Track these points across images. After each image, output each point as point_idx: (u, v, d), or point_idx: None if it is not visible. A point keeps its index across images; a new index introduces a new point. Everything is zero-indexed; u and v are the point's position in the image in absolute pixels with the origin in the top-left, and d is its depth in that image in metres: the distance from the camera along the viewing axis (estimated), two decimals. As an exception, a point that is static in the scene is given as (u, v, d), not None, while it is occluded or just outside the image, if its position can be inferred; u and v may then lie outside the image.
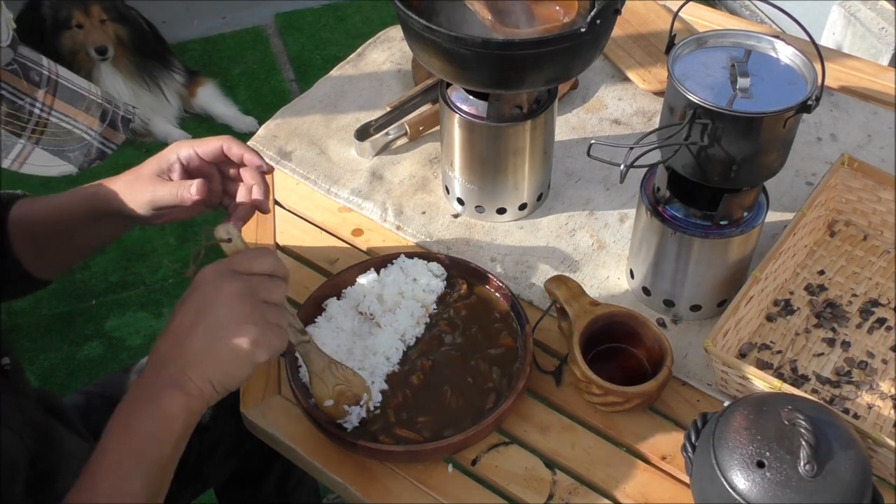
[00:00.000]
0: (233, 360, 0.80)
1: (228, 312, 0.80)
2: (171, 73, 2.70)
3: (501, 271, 1.16)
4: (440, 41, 0.99)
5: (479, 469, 0.97)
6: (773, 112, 0.89)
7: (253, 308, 0.81)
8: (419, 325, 1.06)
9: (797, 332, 1.08)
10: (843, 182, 1.16)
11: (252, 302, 0.81)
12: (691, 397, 1.03)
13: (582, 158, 1.32)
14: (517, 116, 1.12)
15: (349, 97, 1.45)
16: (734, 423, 0.84)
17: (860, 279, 1.13)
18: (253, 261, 0.83)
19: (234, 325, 0.79)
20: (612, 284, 1.15)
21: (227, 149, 1.00)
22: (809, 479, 0.79)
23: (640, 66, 1.45)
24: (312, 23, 3.17)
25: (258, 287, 0.82)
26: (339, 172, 1.31)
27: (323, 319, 1.06)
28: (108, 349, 2.18)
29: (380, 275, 1.10)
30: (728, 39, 0.98)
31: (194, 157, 1.00)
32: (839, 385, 1.02)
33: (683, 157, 0.95)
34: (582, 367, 0.97)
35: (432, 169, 1.31)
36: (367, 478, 0.96)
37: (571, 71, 1.06)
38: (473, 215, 1.24)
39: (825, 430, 0.82)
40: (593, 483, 0.95)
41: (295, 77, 2.95)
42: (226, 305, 0.80)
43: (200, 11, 3.16)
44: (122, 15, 2.59)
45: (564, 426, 1.00)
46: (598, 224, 1.23)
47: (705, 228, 1.01)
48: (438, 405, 0.99)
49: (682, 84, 0.91)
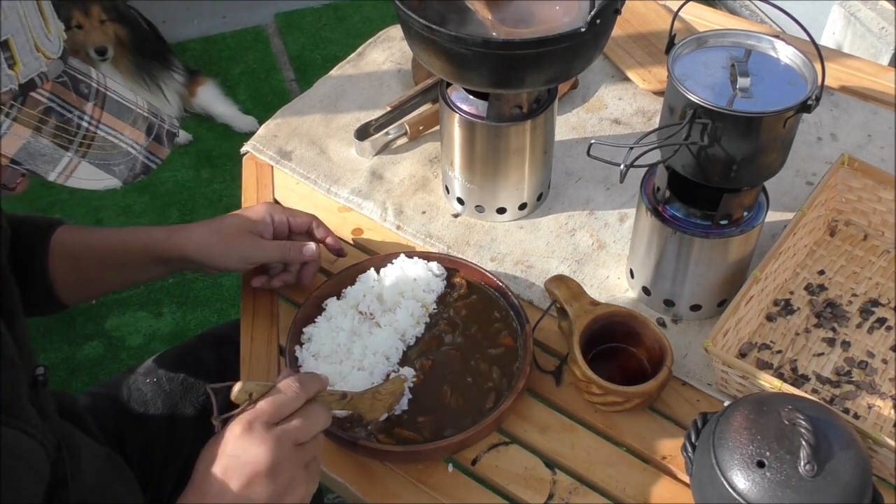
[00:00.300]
0: None
1: (273, 486, 0.78)
2: (171, 73, 2.70)
3: (501, 271, 1.16)
4: (440, 41, 0.99)
5: (479, 469, 0.97)
6: (773, 112, 0.89)
7: (294, 470, 0.79)
8: (419, 325, 1.06)
9: (797, 331, 1.08)
10: (844, 182, 1.16)
11: (292, 463, 0.79)
12: (691, 397, 1.03)
13: (582, 158, 1.32)
14: (517, 116, 1.12)
15: (349, 97, 1.45)
16: (734, 422, 0.84)
17: (860, 279, 1.13)
18: (284, 407, 0.80)
19: (279, 497, 0.78)
20: (612, 284, 1.15)
21: (314, 226, 1.11)
22: (809, 478, 0.79)
23: (640, 65, 1.45)
24: (312, 22, 3.17)
25: (295, 438, 0.80)
26: (339, 172, 1.31)
27: (323, 319, 1.06)
28: (108, 349, 2.18)
29: (380, 274, 1.10)
30: (728, 39, 0.98)
31: (285, 223, 1.09)
32: (839, 385, 1.02)
33: (683, 156, 0.95)
34: (582, 367, 0.97)
35: (432, 168, 1.31)
36: (367, 477, 0.96)
37: (571, 70, 1.06)
38: (473, 215, 1.24)
39: (825, 430, 0.82)
40: (593, 483, 0.95)
41: (295, 77, 2.95)
42: (267, 480, 0.77)
43: (200, 11, 3.16)
44: (121, 15, 2.59)
45: (564, 426, 1.00)
46: (598, 224, 1.23)
47: (705, 228, 1.01)
48: (438, 405, 0.99)
49: (682, 84, 0.91)
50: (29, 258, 1.06)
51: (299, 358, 1.03)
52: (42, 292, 1.07)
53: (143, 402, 1.17)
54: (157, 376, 1.20)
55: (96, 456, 0.95)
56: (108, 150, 0.72)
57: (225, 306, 2.27)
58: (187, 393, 1.19)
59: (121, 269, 1.10)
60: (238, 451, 0.78)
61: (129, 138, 0.73)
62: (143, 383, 1.19)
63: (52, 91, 0.69)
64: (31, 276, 1.04)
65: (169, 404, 1.18)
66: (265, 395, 0.80)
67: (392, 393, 0.95)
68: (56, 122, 0.69)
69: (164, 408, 1.17)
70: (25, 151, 0.67)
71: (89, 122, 0.71)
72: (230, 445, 0.78)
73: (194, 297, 2.28)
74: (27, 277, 1.03)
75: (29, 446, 0.82)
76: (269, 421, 0.79)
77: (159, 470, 1.16)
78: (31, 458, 0.81)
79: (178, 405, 1.18)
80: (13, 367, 0.84)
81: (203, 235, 1.06)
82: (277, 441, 0.78)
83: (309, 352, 1.03)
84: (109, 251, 1.09)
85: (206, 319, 2.24)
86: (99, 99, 0.73)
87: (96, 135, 0.71)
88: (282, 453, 0.78)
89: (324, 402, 0.84)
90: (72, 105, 0.70)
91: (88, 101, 0.72)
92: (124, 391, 1.18)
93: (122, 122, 0.73)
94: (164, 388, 1.18)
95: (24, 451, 0.81)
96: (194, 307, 2.26)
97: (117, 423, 1.14)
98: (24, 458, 0.80)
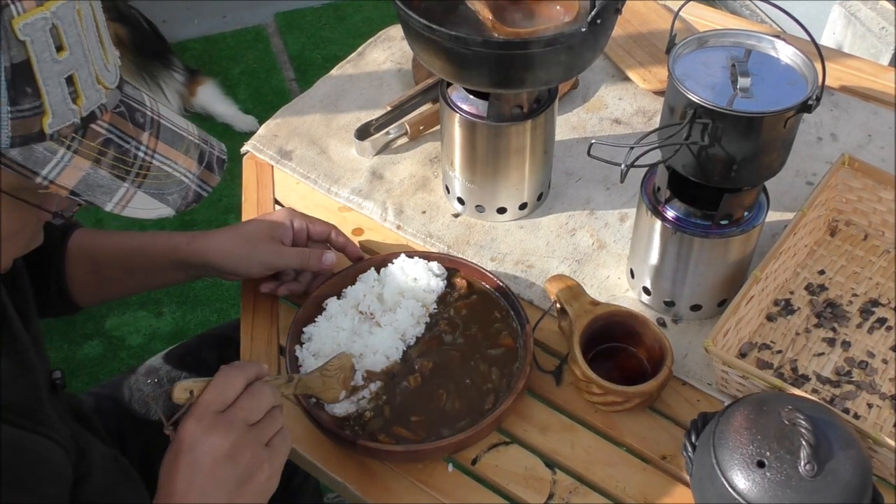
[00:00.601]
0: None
1: (236, 468, 0.79)
2: (171, 73, 2.70)
3: (502, 271, 1.16)
4: (441, 40, 0.99)
5: (479, 468, 0.97)
6: (774, 112, 0.89)
7: (253, 449, 0.80)
8: (419, 325, 1.06)
9: (797, 331, 1.08)
10: (844, 182, 1.16)
11: (250, 443, 0.80)
12: (691, 397, 1.03)
13: (582, 158, 1.32)
14: (517, 116, 1.12)
15: (349, 96, 1.45)
16: (734, 422, 0.84)
17: (860, 279, 1.13)
18: (226, 390, 0.81)
19: (246, 480, 0.79)
20: (612, 284, 1.15)
21: (334, 236, 1.12)
22: (809, 478, 0.79)
23: (641, 65, 1.45)
24: (313, 22, 3.17)
25: (245, 418, 0.80)
26: (339, 172, 1.31)
27: (323, 319, 1.06)
28: (108, 348, 2.18)
29: (380, 274, 1.10)
30: (728, 39, 0.98)
31: (304, 230, 1.10)
32: (839, 385, 1.02)
33: (684, 156, 0.95)
34: (582, 367, 0.97)
35: (432, 168, 1.31)
36: (366, 477, 0.96)
37: (572, 70, 1.06)
38: (474, 215, 1.24)
39: (825, 430, 0.82)
40: (593, 483, 0.95)
41: (295, 76, 2.95)
42: (227, 464, 0.78)
43: (201, 10, 3.16)
44: (122, 14, 2.58)
45: (564, 426, 1.00)
46: (598, 224, 1.23)
47: (706, 228, 1.01)
48: (437, 405, 0.99)
49: (682, 84, 0.91)
50: (45, 260, 1.06)
51: (299, 357, 1.03)
52: (56, 294, 1.07)
53: (144, 402, 1.17)
54: (159, 377, 1.20)
55: (104, 457, 0.95)
56: (163, 180, 0.72)
57: (225, 306, 2.27)
58: None
59: (140, 272, 1.10)
60: (193, 445, 0.78)
61: (183, 167, 0.73)
62: (144, 384, 1.19)
63: (111, 122, 0.69)
64: (45, 277, 1.04)
65: (169, 405, 1.18)
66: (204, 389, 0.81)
67: (341, 368, 0.96)
68: (114, 154, 0.69)
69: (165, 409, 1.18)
70: (85, 183, 0.67)
71: (145, 153, 0.71)
72: (185, 442, 0.79)
73: (194, 296, 2.28)
74: (42, 279, 1.03)
75: (53, 452, 0.82)
76: (215, 409, 0.80)
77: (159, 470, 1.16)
78: (55, 464, 0.81)
79: (178, 406, 1.18)
80: (34, 372, 0.84)
81: (226, 241, 1.06)
82: (228, 425, 0.79)
83: (309, 351, 1.03)
84: (129, 255, 1.09)
85: (206, 319, 2.24)
86: (154, 128, 0.72)
87: (152, 164, 0.71)
88: (236, 436, 0.79)
89: (269, 384, 0.85)
90: (129, 135, 0.70)
91: (144, 130, 0.71)
92: (125, 391, 1.18)
93: (175, 151, 0.73)
94: (165, 389, 1.18)
95: (48, 457, 0.81)
96: (194, 307, 2.26)
97: (119, 424, 1.14)
98: (48, 463, 0.80)
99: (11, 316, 0.85)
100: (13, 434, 0.77)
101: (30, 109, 0.62)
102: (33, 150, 0.64)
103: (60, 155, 0.65)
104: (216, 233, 1.08)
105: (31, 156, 0.64)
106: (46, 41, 0.62)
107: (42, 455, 0.80)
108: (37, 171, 0.65)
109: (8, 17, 0.59)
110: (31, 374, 0.83)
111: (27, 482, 0.77)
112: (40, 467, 0.78)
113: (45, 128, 0.64)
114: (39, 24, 0.61)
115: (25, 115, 0.62)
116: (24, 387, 0.82)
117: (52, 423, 0.82)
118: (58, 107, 0.64)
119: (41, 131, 0.64)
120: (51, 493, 0.79)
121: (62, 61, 0.63)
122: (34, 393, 0.83)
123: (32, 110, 0.62)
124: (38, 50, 0.61)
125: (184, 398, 0.81)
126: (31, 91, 0.62)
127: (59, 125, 0.64)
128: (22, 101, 0.61)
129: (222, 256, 1.05)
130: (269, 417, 0.83)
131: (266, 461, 0.81)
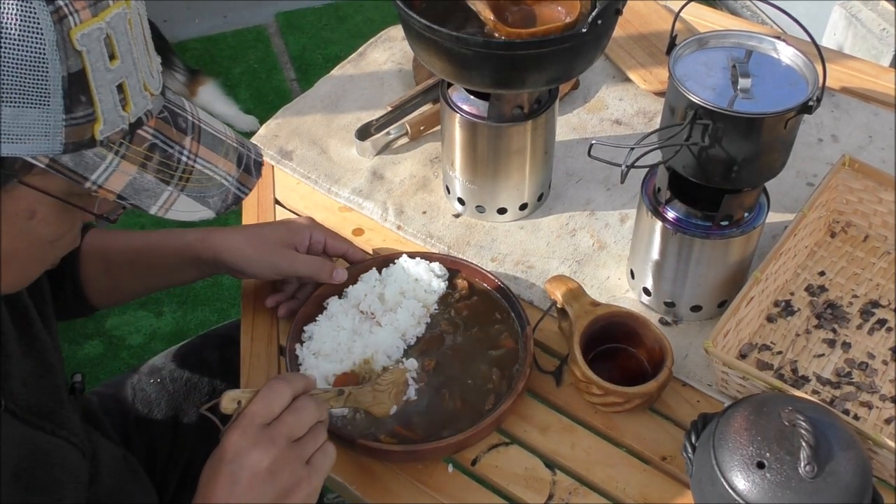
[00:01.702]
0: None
1: (275, 485, 0.79)
2: (171, 73, 2.70)
3: (502, 271, 1.16)
4: (441, 41, 0.99)
5: (479, 469, 0.97)
6: (774, 113, 0.89)
7: (293, 467, 0.80)
8: (420, 325, 1.06)
9: (798, 332, 1.08)
10: (844, 183, 1.16)
11: (290, 461, 0.80)
12: (691, 398, 1.03)
13: (583, 158, 1.32)
14: (518, 116, 1.12)
15: (350, 97, 1.45)
16: (734, 423, 0.84)
17: (861, 280, 1.13)
18: (273, 403, 0.81)
19: (284, 496, 0.79)
20: (612, 285, 1.15)
21: (352, 254, 1.12)
22: (809, 480, 0.79)
23: (642, 66, 1.45)
24: (314, 22, 3.17)
25: (289, 433, 0.81)
26: (339, 172, 1.31)
27: (324, 318, 1.06)
28: (109, 348, 2.18)
29: (382, 274, 1.10)
30: (729, 40, 0.98)
31: (322, 244, 1.10)
32: (839, 386, 1.02)
33: (684, 157, 0.95)
34: (582, 368, 0.97)
35: (433, 169, 1.31)
36: (366, 477, 0.96)
37: (572, 71, 1.06)
38: (474, 215, 1.24)
39: (825, 431, 0.82)
40: (593, 483, 0.95)
41: (296, 76, 2.96)
42: (267, 481, 0.78)
43: (201, 10, 3.16)
44: (122, 14, 2.58)
45: (564, 426, 1.00)
46: (598, 224, 1.23)
47: (706, 229, 1.01)
48: (437, 406, 0.99)
49: (683, 84, 0.91)
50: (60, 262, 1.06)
51: (300, 356, 1.03)
52: (72, 295, 1.07)
53: (147, 402, 1.17)
54: (161, 376, 1.20)
55: (113, 457, 0.95)
56: (205, 183, 0.73)
57: (225, 306, 2.27)
58: (191, 393, 1.19)
59: (154, 270, 1.10)
60: (235, 457, 0.78)
61: (223, 170, 0.74)
62: (146, 383, 1.19)
63: (156, 127, 0.70)
64: (61, 278, 1.05)
65: (172, 405, 1.18)
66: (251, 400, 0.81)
67: (394, 383, 0.96)
68: (159, 158, 0.70)
69: (168, 408, 1.18)
70: (131, 187, 0.68)
71: (188, 157, 0.72)
72: (228, 453, 0.78)
73: (195, 296, 2.28)
74: (57, 280, 1.04)
75: (71, 454, 0.82)
76: (261, 422, 0.79)
77: (162, 470, 1.16)
78: (73, 466, 0.82)
79: (181, 405, 1.18)
80: (54, 372, 0.84)
81: (239, 240, 1.06)
82: (271, 440, 0.79)
83: (309, 350, 1.03)
84: (142, 252, 1.09)
85: (206, 319, 2.24)
86: (195, 132, 0.74)
87: (194, 168, 0.72)
88: (278, 452, 0.79)
89: (316, 397, 0.85)
90: (173, 140, 0.71)
91: (187, 135, 0.73)
92: (128, 391, 1.18)
93: (216, 155, 0.74)
94: (167, 389, 1.19)
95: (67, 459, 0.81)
96: (195, 307, 2.26)
97: (122, 424, 1.15)
98: (67, 466, 0.81)
99: (33, 318, 0.86)
100: (34, 436, 0.78)
101: (83, 117, 0.63)
102: (83, 156, 0.65)
103: (109, 160, 0.67)
104: (231, 230, 1.08)
105: (81, 161, 0.65)
106: (101, 51, 0.63)
107: (62, 458, 0.80)
108: (86, 176, 0.66)
109: (66, 27, 0.60)
110: (51, 376, 0.83)
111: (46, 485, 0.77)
112: (59, 470, 0.79)
113: (97, 134, 0.65)
114: (95, 34, 0.62)
115: (79, 122, 0.63)
116: (45, 388, 0.82)
117: (72, 425, 0.83)
118: (109, 114, 0.65)
119: (92, 138, 0.65)
120: (68, 494, 0.79)
121: (114, 70, 0.64)
122: (55, 394, 0.83)
123: (86, 118, 0.64)
124: (93, 59, 0.62)
125: (232, 408, 0.81)
126: (85, 99, 0.63)
127: (109, 132, 0.66)
128: (76, 109, 0.63)
129: (234, 254, 1.05)
130: (313, 433, 0.83)
131: (305, 479, 0.80)
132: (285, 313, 1.10)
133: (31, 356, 0.82)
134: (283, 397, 0.81)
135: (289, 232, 1.08)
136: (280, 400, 0.81)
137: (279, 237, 1.07)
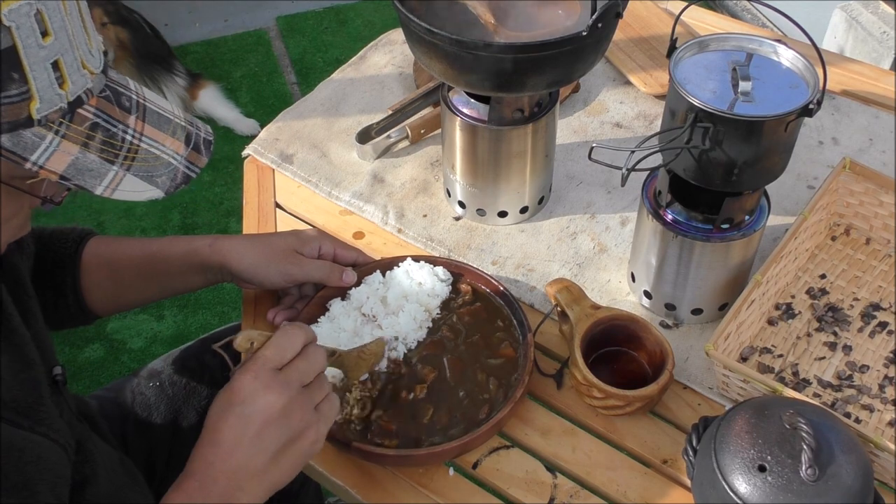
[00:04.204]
0: (295, 466, 0.82)
1: (286, 429, 0.80)
2: (172, 76, 2.70)
3: (503, 274, 1.16)
4: (442, 44, 0.99)
5: (480, 472, 0.97)
6: (775, 116, 0.89)
7: (304, 411, 0.81)
8: (421, 329, 1.05)
9: (798, 335, 1.08)
10: (845, 186, 1.16)
11: (301, 404, 0.81)
12: (692, 401, 1.02)
13: (583, 162, 1.32)
14: (518, 120, 1.12)
15: (351, 100, 1.45)
16: (735, 426, 0.84)
17: (862, 283, 1.13)
18: (286, 349, 0.82)
19: (294, 440, 0.80)
20: (613, 288, 1.15)
21: (361, 262, 1.12)
22: (811, 483, 0.79)
23: (642, 69, 1.45)
24: (314, 25, 3.17)
25: (300, 379, 0.82)
26: (340, 175, 1.32)
27: (325, 319, 1.06)
28: (109, 352, 2.18)
29: (385, 277, 1.10)
30: (730, 43, 0.98)
31: (331, 254, 1.10)
32: (840, 389, 1.02)
33: (685, 160, 0.95)
34: (583, 371, 0.97)
35: (433, 172, 1.31)
36: (367, 481, 0.96)
37: (573, 74, 1.06)
38: (475, 218, 1.24)
39: (826, 434, 0.81)
40: (594, 486, 0.95)
41: (297, 80, 2.96)
42: (279, 424, 0.79)
43: (202, 14, 3.16)
44: (123, 18, 2.59)
45: (565, 429, 1.00)
46: (599, 227, 1.23)
47: (707, 232, 1.01)
48: (435, 411, 0.99)
49: (683, 87, 0.91)
50: (60, 271, 1.06)
51: None
52: (74, 304, 1.07)
53: (146, 406, 1.17)
54: (161, 380, 1.19)
55: (110, 460, 0.95)
56: (152, 162, 0.73)
57: (226, 309, 2.27)
58: (190, 397, 1.19)
59: (160, 277, 1.10)
60: (248, 399, 0.79)
61: (170, 149, 0.74)
62: (146, 387, 1.19)
63: (98, 106, 0.70)
64: (62, 288, 1.04)
65: (172, 409, 1.18)
66: (265, 343, 0.82)
67: (374, 354, 0.97)
68: (102, 137, 0.70)
69: (168, 412, 1.17)
70: (74, 167, 0.68)
71: (133, 136, 0.72)
72: (240, 395, 0.79)
73: (195, 300, 2.28)
74: (59, 290, 1.03)
75: (51, 451, 0.82)
76: (273, 367, 0.80)
77: (161, 474, 1.16)
78: (52, 463, 0.81)
79: (181, 410, 1.18)
80: (33, 367, 0.84)
81: (248, 248, 1.06)
82: (285, 385, 0.80)
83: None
84: (148, 258, 1.09)
85: (207, 322, 2.24)
86: (140, 111, 0.74)
87: (140, 147, 0.72)
88: (291, 396, 0.80)
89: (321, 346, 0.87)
90: (116, 119, 0.71)
91: (131, 114, 0.72)
92: (128, 395, 1.18)
93: (162, 134, 0.74)
94: (167, 393, 1.18)
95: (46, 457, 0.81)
96: (195, 310, 2.26)
97: (122, 427, 1.14)
98: (45, 463, 0.80)
99: (10, 312, 0.85)
100: (10, 434, 0.77)
101: (17, 95, 0.63)
102: (22, 136, 0.65)
103: (49, 140, 0.66)
104: (239, 238, 1.08)
105: (19, 142, 0.65)
106: (32, 26, 0.62)
107: (39, 455, 0.79)
108: (26, 156, 0.65)
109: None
110: (30, 370, 0.83)
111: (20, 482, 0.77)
112: (32, 468, 0.78)
113: (33, 113, 0.65)
114: (24, 9, 0.62)
115: (13, 100, 0.63)
116: (23, 383, 0.82)
117: (52, 421, 0.82)
118: (45, 92, 0.65)
119: (29, 117, 0.65)
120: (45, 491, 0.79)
121: (48, 46, 0.64)
122: (34, 389, 0.82)
123: (20, 96, 0.63)
124: (23, 35, 0.62)
125: (245, 347, 0.82)
126: (18, 77, 0.63)
127: (46, 110, 0.65)
128: (9, 86, 0.62)
129: (242, 261, 1.05)
130: (319, 381, 0.84)
131: (314, 424, 0.82)
132: (281, 321, 1.10)
133: (7, 351, 0.81)
134: (296, 344, 0.82)
135: (298, 240, 1.09)
136: (293, 347, 0.82)
137: (288, 245, 1.07)
